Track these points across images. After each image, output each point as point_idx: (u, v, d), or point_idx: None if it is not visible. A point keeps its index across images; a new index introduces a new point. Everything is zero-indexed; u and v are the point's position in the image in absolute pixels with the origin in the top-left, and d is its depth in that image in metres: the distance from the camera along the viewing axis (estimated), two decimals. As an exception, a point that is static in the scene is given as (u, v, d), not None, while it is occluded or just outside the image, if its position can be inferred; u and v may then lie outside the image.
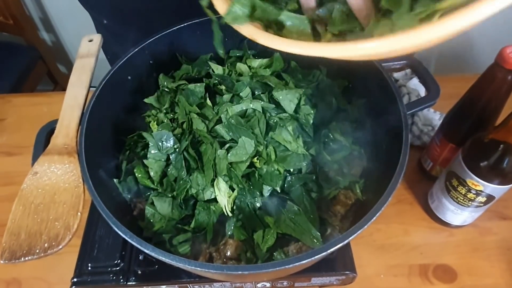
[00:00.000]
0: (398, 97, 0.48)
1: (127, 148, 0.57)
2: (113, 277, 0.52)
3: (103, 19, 0.73)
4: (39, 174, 0.43)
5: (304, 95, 0.51)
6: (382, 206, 0.39)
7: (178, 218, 0.49)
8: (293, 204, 0.48)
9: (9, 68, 1.43)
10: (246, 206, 0.48)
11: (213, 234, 0.48)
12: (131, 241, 0.38)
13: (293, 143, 0.48)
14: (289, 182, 0.49)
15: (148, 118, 0.59)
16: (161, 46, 0.59)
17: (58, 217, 0.39)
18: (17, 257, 0.37)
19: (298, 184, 0.49)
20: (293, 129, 0.49)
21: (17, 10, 1.41)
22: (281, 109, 0.51)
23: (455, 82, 0.57)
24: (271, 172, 0.48)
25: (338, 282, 0.55)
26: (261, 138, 0.48)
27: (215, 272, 0.37)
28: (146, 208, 0.49)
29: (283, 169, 0.48)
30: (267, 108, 0.50)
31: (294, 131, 0.49)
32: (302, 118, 0.51)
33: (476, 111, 0.54)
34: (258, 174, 0.48)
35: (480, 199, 0.53)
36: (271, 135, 0.48)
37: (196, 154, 0.49)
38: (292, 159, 0.48)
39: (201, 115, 0.52)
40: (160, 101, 0.59)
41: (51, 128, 0.49)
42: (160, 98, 0.59)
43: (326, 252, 0.37)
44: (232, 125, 0.48)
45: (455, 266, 0.59)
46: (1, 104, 0.86)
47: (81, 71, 0.53)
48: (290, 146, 0.48)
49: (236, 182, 0.47)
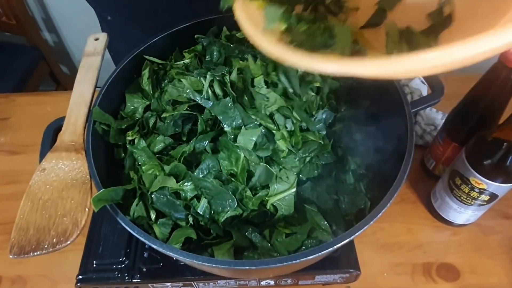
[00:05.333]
0: (403, 95, 0.48)
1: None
2: (118, 274, 0.53)
3: (107, 15, 0.73)
4: (47, 171, 0.43)
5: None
6: (387, 204, 0.39)
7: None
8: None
9: (12, 68, 1.44)
10: None
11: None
12: (139, 237, 0.39)
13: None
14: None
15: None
16: (167, 43, 0.59)
17: (66, 213, 0.40)
18: (25, 252, 0.37)
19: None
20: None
21: (20, 10, 1.42)
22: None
23: (456, 82, 0.58)
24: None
25: (342, 280, 0.55)
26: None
27: (222, 268, 0.37)
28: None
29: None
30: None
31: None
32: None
33: (480, 110, 0.54)
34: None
35: (483, 198, 0.53)
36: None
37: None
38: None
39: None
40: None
41: (58, 125, 0.49)
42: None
43: (333, 247, 0.37)
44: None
45: (458, 265, 0.59)
46: (5, 103, 0.86)
47: (88, 69, 0.54)
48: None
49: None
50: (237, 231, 0.45)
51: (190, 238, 0.44)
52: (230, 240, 0.44)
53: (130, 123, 0.53)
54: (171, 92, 0.53)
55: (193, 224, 0.47)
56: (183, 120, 0.52)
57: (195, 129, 0.51)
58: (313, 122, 0.52)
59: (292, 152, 0.49)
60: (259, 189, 0.48)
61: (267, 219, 0.48)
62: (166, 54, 0.60)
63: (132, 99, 0.55)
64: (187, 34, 0.60)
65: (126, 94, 0.56)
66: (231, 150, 0.47)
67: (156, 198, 0.46)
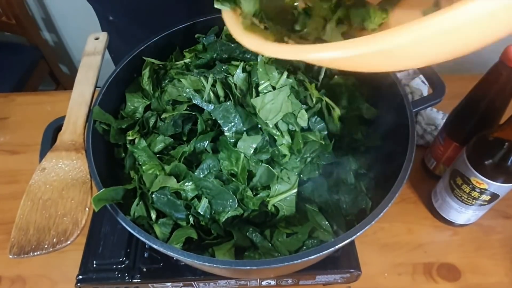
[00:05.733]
0: (404, 95, 0.48)
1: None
2: (118, 274, 0.53)
3: (109, 15, 0.73)
4: (47, 170, 0.43)
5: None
6: (389, 204, 0.39)
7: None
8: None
9: (12, 68, 1.43)
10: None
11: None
12: (140, 237, 0.39)
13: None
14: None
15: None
16: (167, 43, 0.59)
17: (66, 212, 0.40)
18: (25, 252, 0.37)
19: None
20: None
21: (20, 10, 1.42)
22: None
23: (457, 82, 0.58)
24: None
25: (343, 280, 0.55)
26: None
27: (223, 268, 0.37)
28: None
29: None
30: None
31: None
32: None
33: (481, 110, 0.54)
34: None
35: (484, 198, 0.53)
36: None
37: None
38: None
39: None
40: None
41: (58, 124, 0.49)
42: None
43: (334, 247, 0.37)
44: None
45: (459, 265, 0.59)
46: (5, 103, 0.86)
47: (88, 69, 0.53)
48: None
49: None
50: (238, 231, 0.45)
51: (191, 238, 0.44)
52: (231, 240, 0.44)
53: (131, 122, 0.53)
54: (170, 92, 0.53)
55: (194, 224, 0.47)
56: (183, 120, 0.52)
57: (196, 129, 0.50)
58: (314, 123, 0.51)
59: (294, 153, 0.49)
60: (260, 189, 0.48)
61: (268, 219, 0.48)
62: (167, 54, 0.60)
63: (132, 98, 0.55)
64: (187, 33, 0.59)
65: (126, 94, 0.55)
66: (231, 150, 0.47)
67: (156, 198, 0.46)
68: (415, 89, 0.74)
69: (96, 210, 0.39)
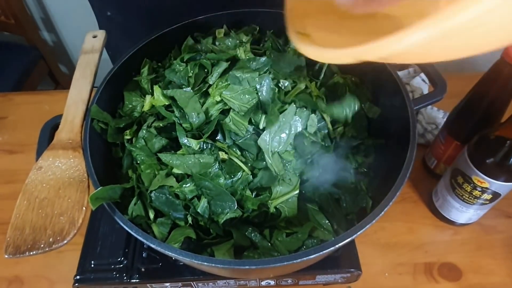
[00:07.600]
0: (405, 93, 0.47)
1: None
2: (116, 274, 0.52)
3: (107, 11, 0.72)
4: (44, 169, 0.43)
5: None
6: (389, 203, 0.39)
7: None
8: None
9: (10, 67, 1.43)
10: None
11: None
12: (138, 236, 0.38)
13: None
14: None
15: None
16: (166, 41, 0.58)
17: (63, 211, 0.39)
18: (21, 251, 0.36)
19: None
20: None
21: (19, 9, 1.41)
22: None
23: (457, 81, 0.57)
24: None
25: (343, 280, 0.55)
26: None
27: (222, 267, 0.36)
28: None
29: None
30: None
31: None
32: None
33: (482, 108, 0.54)
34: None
35: (486, 197, 0.53)
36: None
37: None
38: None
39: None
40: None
41: (56, 123, 0.49)
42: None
43: (334, 247, 0.36)
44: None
45: (460, 264, 0.59)
46: (3, 102, 0.85)
47: (85, 67, 0.53)
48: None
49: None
50: (237, 230, 0.45)
51: (190, 238, 0.43)
52: (230, 240, 0.44)
53: (129, 121, 0.53)
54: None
55: (192, 224, 0.46)
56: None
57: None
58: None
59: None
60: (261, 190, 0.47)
61: (267, 218, 0.48)
62: (165, 52, 0.59)
63: (130, 97, 0.55)
64: (186, 31, 0.59)
65: (124, 92, 0.55)
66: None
67: (155, 197, 0.45)
68: (415, 87, 0.74)
69: (93, 209, 0.39)
